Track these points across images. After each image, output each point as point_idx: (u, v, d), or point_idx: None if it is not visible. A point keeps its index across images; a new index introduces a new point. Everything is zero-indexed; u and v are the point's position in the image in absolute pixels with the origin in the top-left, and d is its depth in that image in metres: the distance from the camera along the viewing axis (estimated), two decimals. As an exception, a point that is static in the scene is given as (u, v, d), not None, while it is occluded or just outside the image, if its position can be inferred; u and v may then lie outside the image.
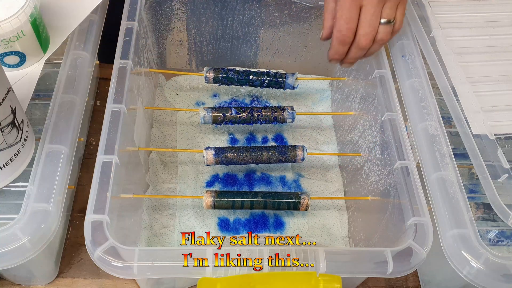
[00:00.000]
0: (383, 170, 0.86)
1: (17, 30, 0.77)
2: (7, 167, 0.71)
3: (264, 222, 0.97)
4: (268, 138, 1.11)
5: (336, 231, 0.99)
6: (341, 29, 0.81)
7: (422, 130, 0.82)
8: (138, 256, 0.67)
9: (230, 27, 1.12)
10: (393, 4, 0.81)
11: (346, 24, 0.81)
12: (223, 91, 1.17)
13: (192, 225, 0.96)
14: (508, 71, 0.88)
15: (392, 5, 0.81)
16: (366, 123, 0.95)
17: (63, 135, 0.76)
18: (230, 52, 1.18)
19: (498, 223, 0.80)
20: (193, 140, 1.10)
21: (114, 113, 0.81)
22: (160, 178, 1.02)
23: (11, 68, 0.82)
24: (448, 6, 0.98)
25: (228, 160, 0.93)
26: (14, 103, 0.68)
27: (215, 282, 0.68)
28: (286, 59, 1.18)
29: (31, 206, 0.69)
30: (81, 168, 1.02)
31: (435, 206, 0.75)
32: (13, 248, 0.67)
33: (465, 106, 0.82)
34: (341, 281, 0.68)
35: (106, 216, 0.70)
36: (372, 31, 0.81)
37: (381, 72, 0.91)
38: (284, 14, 1.08)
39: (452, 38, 0.92)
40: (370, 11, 0.80)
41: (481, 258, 0.69)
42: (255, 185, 1.03)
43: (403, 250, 0.71)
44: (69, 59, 0.85)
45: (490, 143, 0.78)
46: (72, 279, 0.88)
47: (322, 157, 1.10)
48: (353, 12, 0.80)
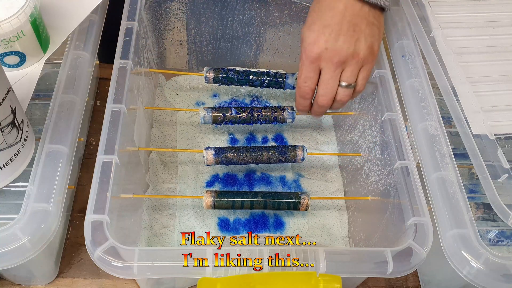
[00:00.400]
0: (383, 170, 0.86)
1: (17, 30, 0.77)
2: (7, 167, 0.71)
3: (264, 222, 0.97)
4: (268, 138, 1.11)
5: (336, 231, 0.99)
6: (300, 86, 0.86)
7: (422, 130, 0.82)
8: (138, 256, 0.67)
9: (230, 27, 1.12)
10: (353, 68, 0.83)
11: (304, 83, 0.85)
12: (223, 91, 1.17)
13: (192, 225, 0.96)
14: (508, 71, 0.88)
15: (353, 69, 0.83)
16: (366, 123, 0.95)
17: (63, 135, 0.76)
18: (230, 52, 1.18)
19: (498, 223, 0.80)
20: (193, 140, 1.10)
21: (114, 113, 0.81)
22: (160, 178, 1.02)
23: (11, 68, 0.82)
24: (448, 6, 0.97)
25: (228, 160, 0.93)
26: (14, 103, 0.68)
27: (215, 282, 0.68)
28: (286, 59, 1.18)
29: (31, 206, 0.69)
30: (81, 168, 1.02)
31: (435, 206, 0.75)
32: (13, 248, 0.67)
33: (465, 106, 0.82)
34: (341, 281, 0.68)
35: (106, 216, 0.70)
36: (329, 93, 0.85)
37: (381, 72, 0.91)
38: (284, 14, 1.08)
39: (452, 38, 0.92)
40: (328, 74, 0.83)
41: (481, 258, 0.69)
42: (255, 185, 1.03)
43: (403, 250, 0.71)
44: (69, 59, 0.85)
45: (490, 143, 0.78)
46: (72, 279, 0.88)
47: (322, 157, 1.10)
48: (311, 73, 0.84)
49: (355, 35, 0.80)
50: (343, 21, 0.80)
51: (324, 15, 0.81)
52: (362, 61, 0.82)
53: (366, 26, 0.81)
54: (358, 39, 0.81)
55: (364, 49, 0.81)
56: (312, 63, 0.82)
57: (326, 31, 0.80)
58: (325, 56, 0.81)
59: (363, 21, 0.81)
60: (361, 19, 0.81)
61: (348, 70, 0.83)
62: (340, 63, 0.81)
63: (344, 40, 0.80)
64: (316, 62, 0.82)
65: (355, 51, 0.81)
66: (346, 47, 0.80)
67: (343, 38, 0.80)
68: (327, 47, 0.80)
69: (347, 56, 0.81)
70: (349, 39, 0.80)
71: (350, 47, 0.80)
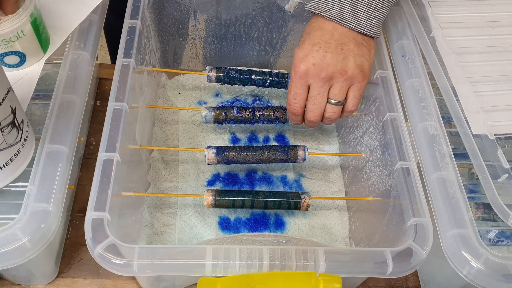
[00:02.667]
0: (384, 170, 0.86)
1: (17, 30, 0.77)
2: (7, 167, 0.71)
3: (264, 222, 0.98)
4: (269, 137, 1.11)
5: (337, 231, 0.99)
6: (290, 102, 0.89)
7: (422, 130, 0.82)
8: (138, 254, 0.68)
9: (232, 26, 1.12)
10: (342, 86, 0.85)
11: (293, 99, 0.88)
12: (225, 91, 1.17)
13: (192, 223, 0.96)
14: (508, 71, 0.88)
15: (341, 86, 0.85)
16: (367, 124, 0.95)
17: (63, 135, 0.77)
18: (232, 52, 1.18)
19: (498, 223, 0.80)
20: (195, 139, 1.10)
21: (116, 111, 0.81)
22: (162, 177, 1.03)
23: (11, 68, 0.82)
24: (448, 6, 0.97)
25: (229, 159, 0.93)
26: (14, 103, 0.68)
27: (215, 282, 0.68)
28: (288, 59, 1.18)
29: (31, 206, 0.70)
30: (81, 168, 1.02)
31: (435, 206, 0.75)
32: (13, 248, 0.67)
33: (465, 106, 0.82)
34: (341, 281, 0.68)
35: (107, 214, 0.70)
36: (317, 109, 0.88)
37: (383, 73, 0.91)
38: (287, 14, 1.08)
39: (452, 38, 0.92)
40: (316, 90, 0.86)
41: (481, 258, 0.69)
42: (256, 185, 1.03)
43: (403, 250, 0.71)
44: (69, 59, 0.85)
45: (490, 143, 0.78)
46: (72, 279, 0.88)
47: (324, 157, 1.10)
48: (300, 89, 0.86)
49: (342, 53, 0.83)
50: (331, 40, 0.83)
51: (314, 34, 0.84)
52: (351, 79, 0.84)
53: (354, 46, 0.84)
54: (346, 57, 0.83)
55: (352, 67, 0.83)
56: (301, 79, 0.85)
57: (315, 48, 0.83)
58: (313, 71, 0.83)
59: (351, 41, 0.84)
60: (349, 39, 0.84)
61: (336, 87, 0.85)
62: (327, 79, 0.83)
63: (331, 57, 0.82)
64: (304, 78, 0.84)
65: (343, 68, 0.83)
66: (333, 63, 0.82)
67: (330, 55, 0.82)
68: (314, 62, 0.83)
69: (333, 72, 0.83)
70: (337, 56, 0.82)
71: (337, 64, 0.82)
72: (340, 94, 0.86)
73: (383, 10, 0.85)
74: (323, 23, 0.85)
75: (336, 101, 0.86)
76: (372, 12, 0.84)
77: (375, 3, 0.83)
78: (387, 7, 0.85)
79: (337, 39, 0.83)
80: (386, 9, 0.85)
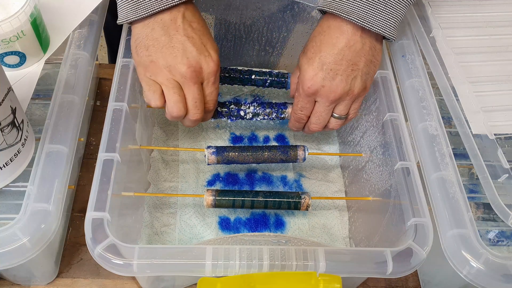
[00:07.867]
0: (384, 170, 0.86)
1: (17, 30, 0.77)
2: (7, 167, 0.71)
3: (264, 222, 0.97)
4: (269, 137, 1.11)
5: (337, 231, 0.99)
6: (295, 112, 0.91)
7: (422, 130, 0.82)
8: (138, 254, 0.68)
9: (233, 26, 1.11)
10: (347, 103, 0.87)
11: (300, 111, 0.90)
12: (226, 91, 1.17)
13: (192, 223, 0.96)
14: (508, 71, 0.88)
15: (347, 103, 0.87)
16: (368, 124, 0.94)
17: (63, 135, 0.76)
18: (232, 52, 1.18)
19: (498, 223, 0.80)
20: (195, 139, 1.10)
21: (116, 111, 0.81)
22: (162, 177, 1.03)
23: (11, 68, 0.82)
24: (448, 6, 0.97)
25: (229, 159, 0.93)
26: (14, 103, 0.68)
27: (215, 282, 0.68)
28: (288, 59, 1.18)
29: (31, 206, 0.70)
30: (81, 168, 1.02)
31: (435, 206, 0.75)
32: (13, 248, 0.67)
33: (465, 106, 0.82)
34: (341, 281, 0.68)
35: (107, 214, 0.70)
36: (321, 122, 0.90)
37: (384, 73, 0.91)
38: (287, 14, 1.08)
39: (452, 38, 0.92)
40: (322, 108, 0.87)
41: (481, 258, 0.69)
42: (256, 185, 1.03)
43: (403, 250, 0.71)
44: (69, 59, 0.85)
45: (490, 143, 0.78)
46: (72, 279, 0.88)
47: (324, 157, 1.10)
48: (308, 104, 0.88)
49: (352, 74, 0.82)
50: (343, 60, 0.82)
51: (325, 51, 0.82)
52: (356, 97, 0.86)
53: (364, 64, 0.83)
54: (355, 78, 0.83)
55: (359, 87, 0.84)
56: (309, 97, 0.86)
57: (325, 68, 0.82)
58: (322, 92, 0.84)
59: (362, 59, 0.83)
60: (360, 57, 0.82)
61: (342, 104, 0.86)
62: (335, 100, 0.85)
63: (341, 79, 0.82)
64: (313, 96, 0.86)
65: (351, 89, 0.84)
66: (342, 86, 0.82)
67: (340, 78, 0.82)
68: (324, 84, 0.83)
69: (342, 94, 0.83)
70: (346, 78, 0.82)
71: (346, 86, 0.83)
72: (344, 110, 0.87)
73: (401, 11, 0.81)
74: (336, 38, 0.82)
75: (339, 116, 0.88)
76: (390, 12, 0.80)
77: (393, 3, 0.80)
78: (405, 8, 0.82)
79: (348, 60, 0.81)
80: (404, 10, 0.82)
